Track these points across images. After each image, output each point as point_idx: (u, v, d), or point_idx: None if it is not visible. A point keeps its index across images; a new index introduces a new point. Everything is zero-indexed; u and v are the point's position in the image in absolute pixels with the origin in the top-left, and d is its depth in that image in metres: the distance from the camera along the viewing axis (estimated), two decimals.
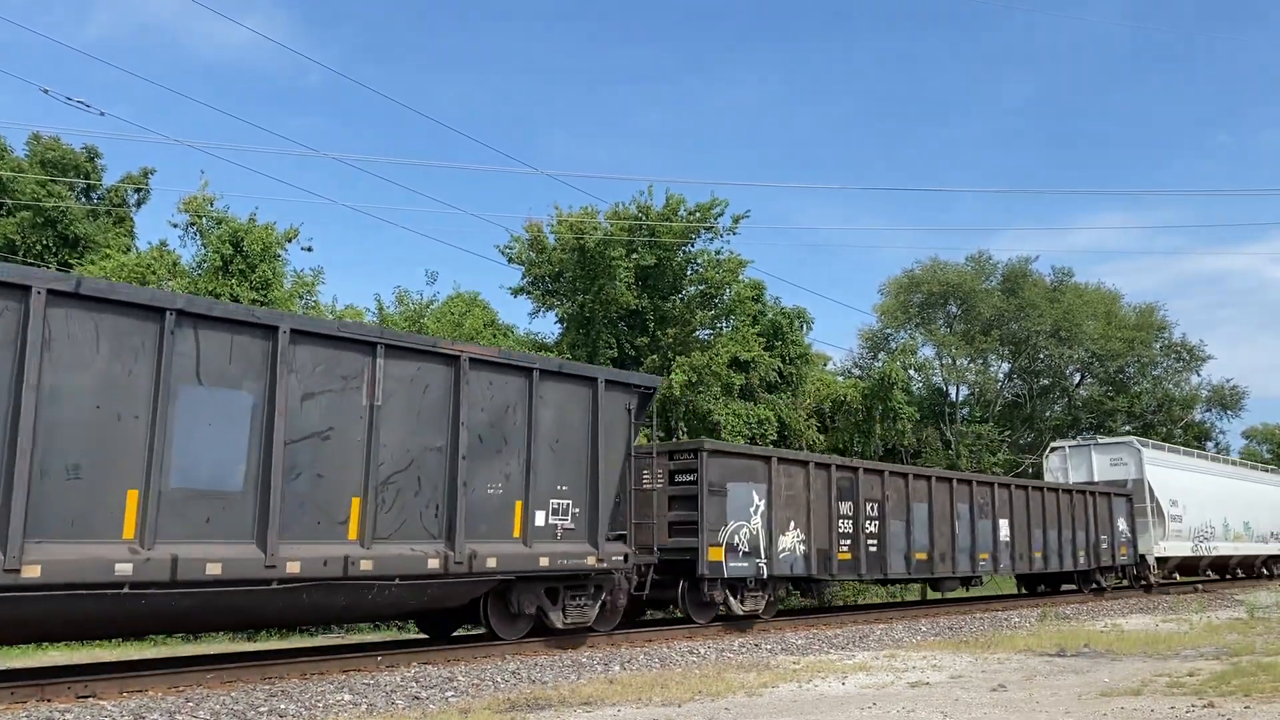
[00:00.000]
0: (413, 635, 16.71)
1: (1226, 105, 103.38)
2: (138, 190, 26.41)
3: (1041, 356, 46.01)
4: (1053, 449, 28.68)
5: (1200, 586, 29.52)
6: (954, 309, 46.74)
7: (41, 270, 10.34)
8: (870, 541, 17.31)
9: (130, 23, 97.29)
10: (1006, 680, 9.46)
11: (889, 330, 46.86)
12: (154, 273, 23.31)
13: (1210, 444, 50.22)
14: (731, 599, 14.98)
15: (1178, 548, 27.53)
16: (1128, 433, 37.57)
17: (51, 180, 28.74)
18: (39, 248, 28.85)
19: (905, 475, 18.65)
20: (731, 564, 14.71)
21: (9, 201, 28.58)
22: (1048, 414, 46.54)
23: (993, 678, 9.70)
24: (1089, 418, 45.50)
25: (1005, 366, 47.51)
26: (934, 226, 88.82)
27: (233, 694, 8.82)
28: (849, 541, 16.91)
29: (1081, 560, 23.97)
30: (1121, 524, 25.80)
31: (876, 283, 72.63)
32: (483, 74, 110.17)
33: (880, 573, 17.67)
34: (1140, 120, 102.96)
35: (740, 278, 29.44)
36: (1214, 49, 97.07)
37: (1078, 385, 48.09)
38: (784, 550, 15.59)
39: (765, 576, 15.27)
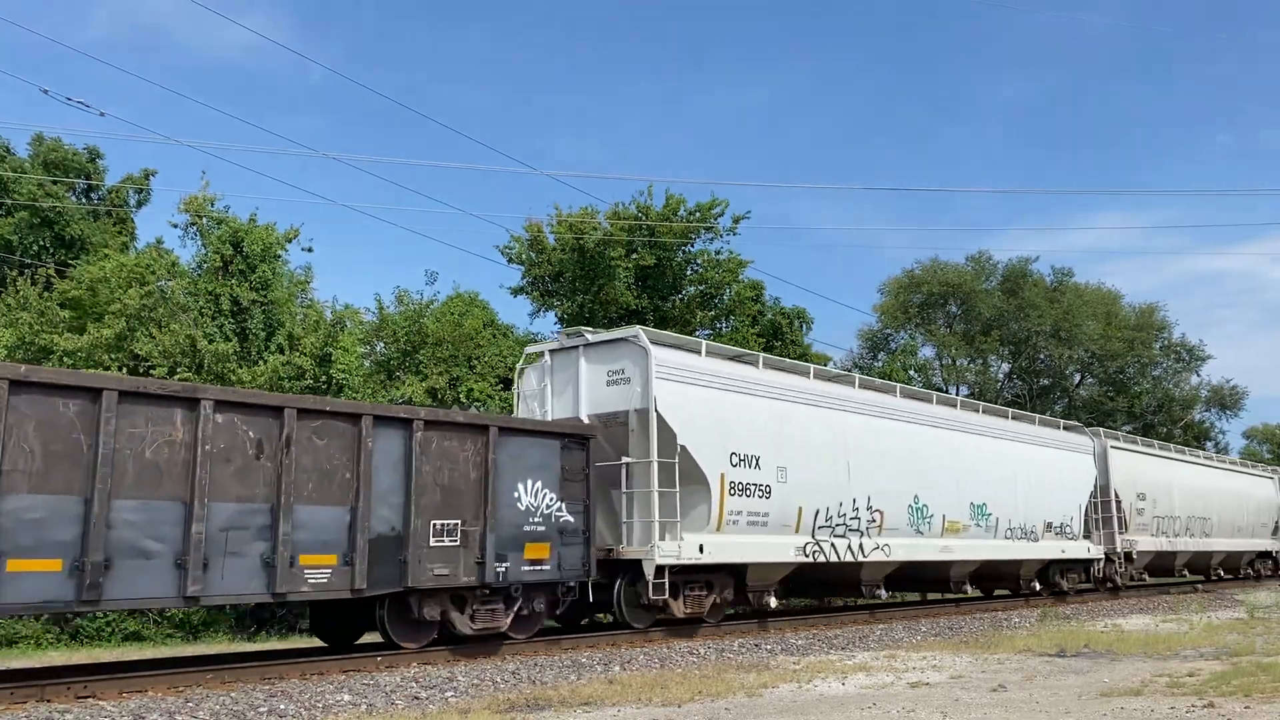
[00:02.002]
0: None
1: (1226, 105, 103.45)
2: (139, 191, 26.43)
3: (1041, 357, 46.00)
4: (528, 355, 15.76)
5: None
6: (954, 309, 46.74)
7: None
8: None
9: (130, 23, 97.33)
10: (1006, 680, 9.45)
11: (889, 330, 46.87)
12: (153, 273, 23.32)
13: (1210, 444, 50.22)
14: None
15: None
16: (1129, 433, 33.83)
17: (52, 180, 28.75)
18: (36, 248, 28.86)
19: None
20: None
21: (8, 201, 28.58)
22: (1048, 414, 46.59)
23: (993, 678, 9.69)
24: (1089, 418, 45.56)
25: (1005, 367, 47.53)
26: (934, 226, 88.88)
27: (232, 694, 8.82)
28: None
29: None
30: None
31: (876, 283, 72.63)
32: (483, 74, 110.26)
33: None
34: (1140, 120, 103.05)
35: (740, 278, 29.45)
36: (1214, 49, 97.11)
37: (1078, 385, 48.07)
38: None
39: None
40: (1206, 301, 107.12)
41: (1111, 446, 24.88)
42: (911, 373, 39.80)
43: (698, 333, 28.65)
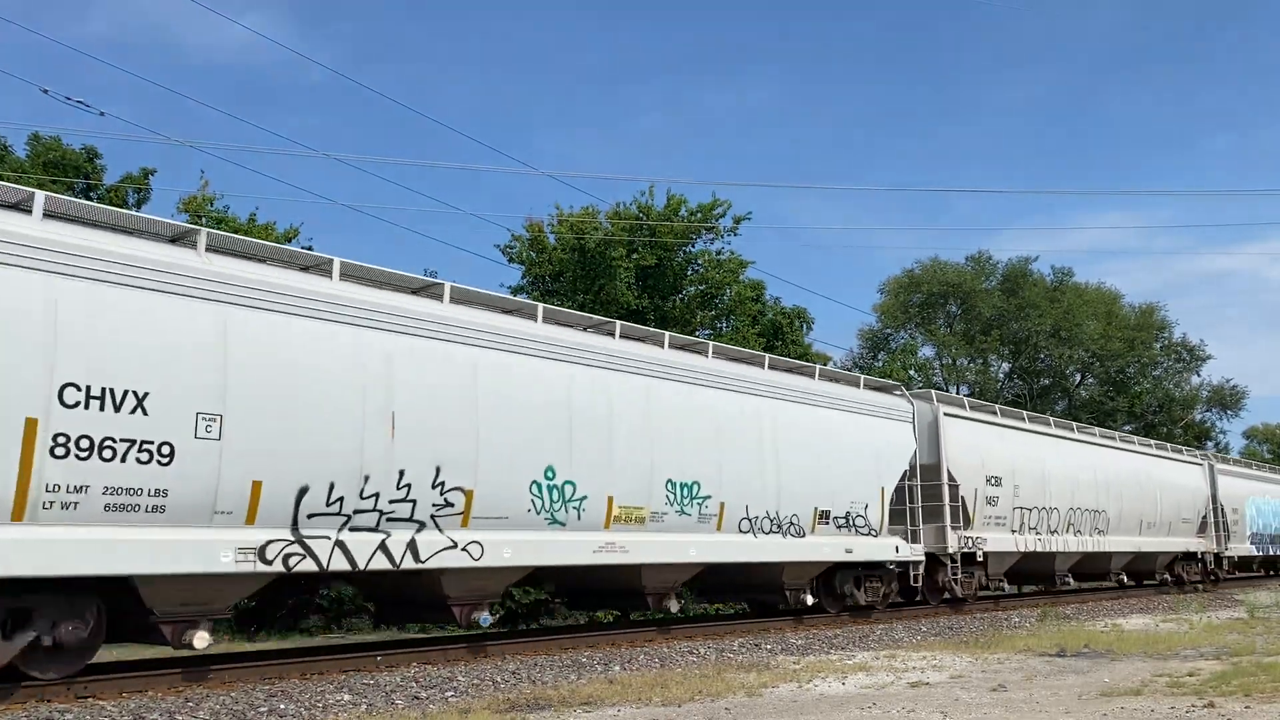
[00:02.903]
0: (412, 635, 16.72)
1: (1226, 105, 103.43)
2: (138, 190, 26.39)
3: (1042, 356, 46.05)
4: None
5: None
6: (954, 309, 46.79)
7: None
8: None
9: (129, 22, 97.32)
10: (1006, 680, 9.45)
11: (889, 330, 46.94)
12: None
13: (1210, 443, 50.23)
14: None
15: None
16: (1131, 433, 31.86)
17: (51, 180, 28.72)
18: None
19: None
20: None
21: None
22: (1048, 414, 46.63)
23: (993, 678, 9.69)
24: (1089, 417, 45.60)
25: (1005, 366, 47.57)
26: (934, 226, 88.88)
27: (232, 694, 8.82)
28: None
29: None
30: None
31: (876, 283, 72.69)
32: (483, 73, 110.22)
33: None
34: (1140, 120, 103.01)
35: (741, 278, 29.45)
36: (1214, 48, 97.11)
37: (1078, 385, 48.08)
38: None
39: None
40: (1207, 301, 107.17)
41: (946, 414, 18.92)
42: (911, 372, 39.78)
43: (698, 333, 28.69)
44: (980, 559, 19.26)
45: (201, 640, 9.40)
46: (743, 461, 14.46)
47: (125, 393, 8.58)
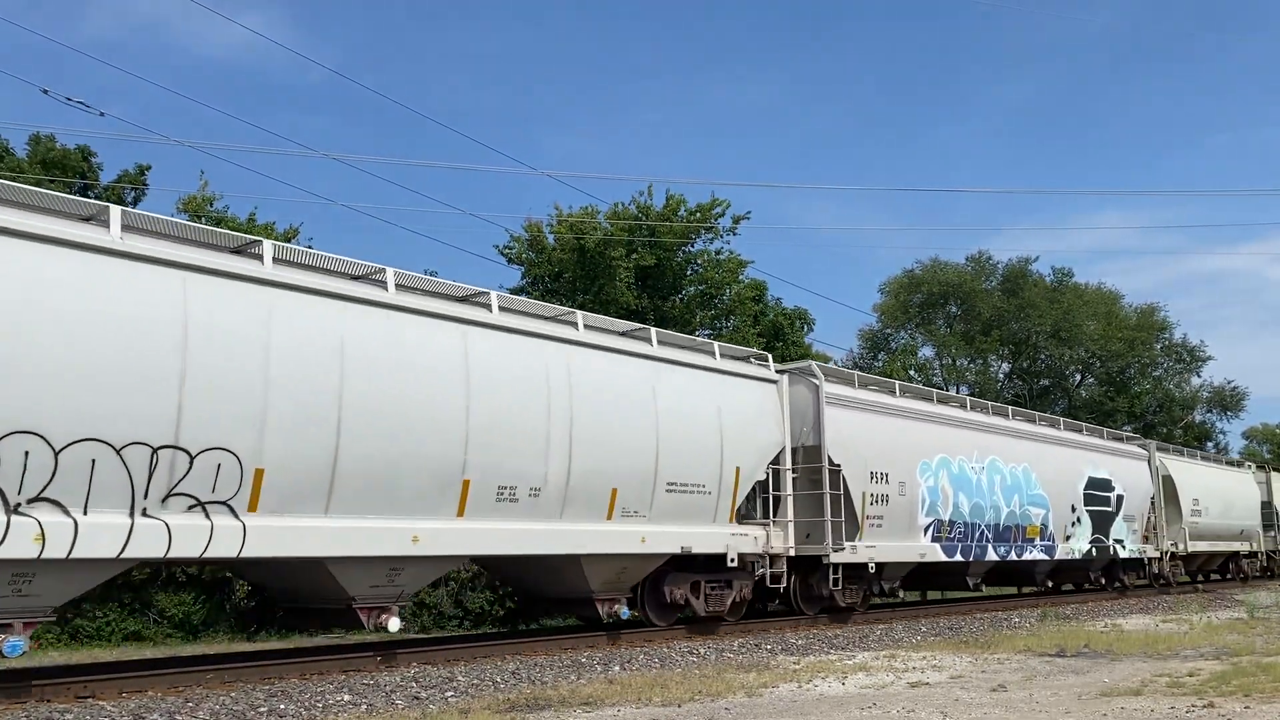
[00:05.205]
0: (413, 635, 16.72)
1: (1226, 105, 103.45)
2: (134, 189, 26.39)
3: (1042, 357, 46.09)
4: None
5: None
6: (954, 309, 46.82)
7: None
8: None
9: (128, 22, 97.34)
10: (1006, 680, 9.45)
11: (889, 330, 46.99)
12: None
13: (1210, 444, 50.26)
14: None
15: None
16: (1132, 433, 29.88)
17: (50, 180, 28.73)
18: None
19: None
20: None
21: None
22: (1049, 414, 46.65)
23: (993, 678, 9.69)
24: (1089, 418, 45.63)
25: (1005, 367, 47.60)
26: (934, 226, 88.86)
27: (232, 694, 8.82)
28: None
29: None
30: None
31: (876, 283, 72.77)
32: (482, 73, 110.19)
33: None
34: (1140, 120, 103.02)
35: (741, 278, 29.48)
36: (1213, 49, 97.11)
37: (1078, 385, 48.09)
38: None
39: None
40: (1207, 301, 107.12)
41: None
42: (912, 373, 39.80)
43: (698, 333, 28.71)
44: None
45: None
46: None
47: None
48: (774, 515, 15.08)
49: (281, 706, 8.35)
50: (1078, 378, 48.21)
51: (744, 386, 14.84)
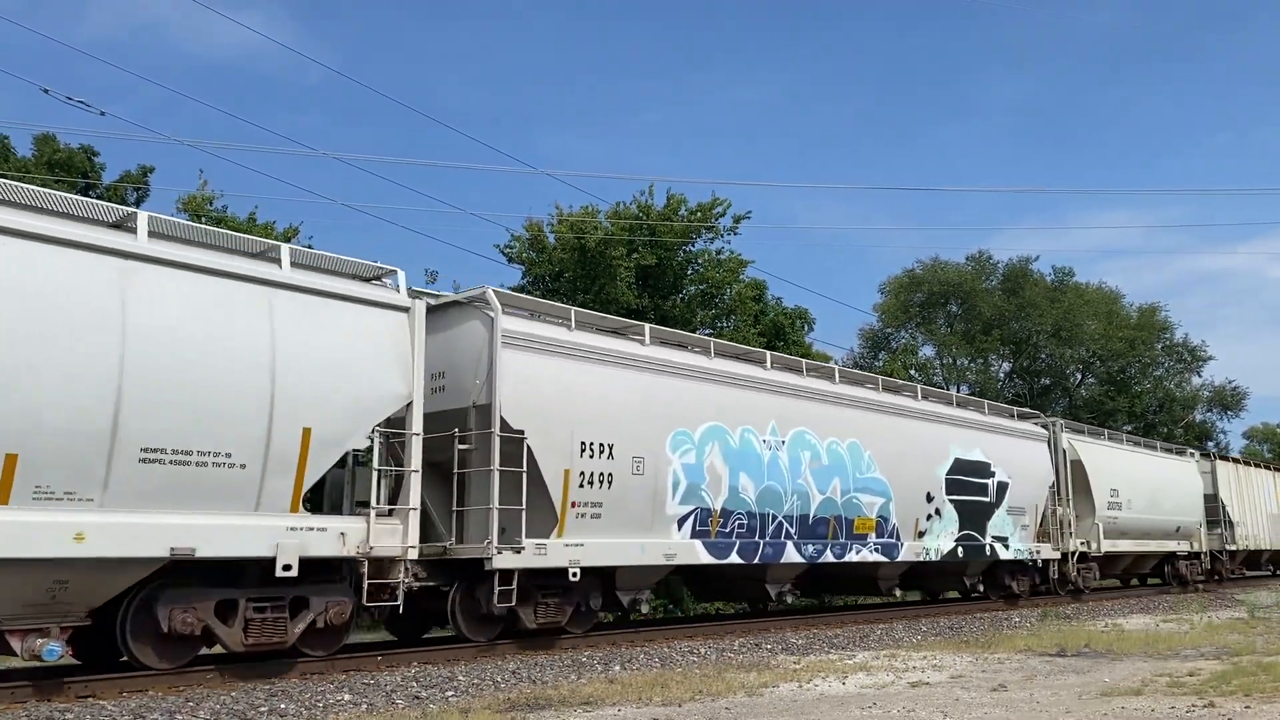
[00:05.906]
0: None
1: (1226, 104, 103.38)
2: (137, 189, 26.40)
3: (1042, 356, 46.09)
4: None
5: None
6: (954, 309, 46.82)
7: None
8: None
9: (128, 22, 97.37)
10: (1007, 680, 9.45)
11: (889, 330, 46.99)
12: None
13: (1211, 444, 50.26)
14: None
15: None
16: (1130, 433, 28.74)
17: (54, 180, 28.75)
18: None
19: None
20: None
21: None
22: (1049, 414, 46.68)
23: (993, 678, 9.69)
24: (1090, 417, 45.64)
25: (1006, 366, 47.59)
26: (934, 226, 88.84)
27: (233, 694, 8.82)
28: None
29: None
30: None
31: (877, 282, 72.74)
32: (483, 73, 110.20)
33: None
34: (1140, 119, 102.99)
35: (741, 277, 29.46)
36: (1213, 47, 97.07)
37: (1079, 385, 48.08)
38: None
39: None
40: (1208, 301, 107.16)
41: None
42: (912, 372, 39.77)
43: (699, 333, 28.70)
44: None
45: None
46: None
47: None
48: (400, 502, 10.83)
49: (282, 706, 8.35)
50: (1078, 377, 48.20)
51: (332, 309, 10.17)
